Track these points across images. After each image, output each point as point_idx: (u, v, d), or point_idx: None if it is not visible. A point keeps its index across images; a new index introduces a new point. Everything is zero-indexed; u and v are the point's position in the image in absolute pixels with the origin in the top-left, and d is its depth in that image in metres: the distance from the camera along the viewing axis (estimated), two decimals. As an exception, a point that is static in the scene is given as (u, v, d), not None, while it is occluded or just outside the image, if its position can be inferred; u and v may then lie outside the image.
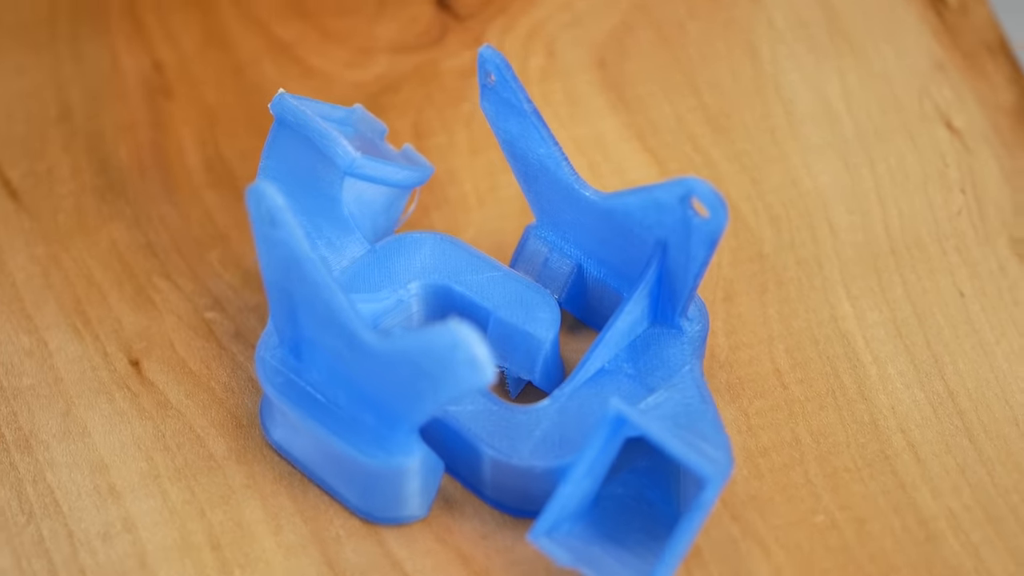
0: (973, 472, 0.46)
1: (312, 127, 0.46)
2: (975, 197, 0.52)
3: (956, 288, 0.50)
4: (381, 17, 0.57)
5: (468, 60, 0.56)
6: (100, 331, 0.49)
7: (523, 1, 0.57)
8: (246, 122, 0.54)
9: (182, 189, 0.52)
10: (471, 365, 0.39)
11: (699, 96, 0.55)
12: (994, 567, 0.44)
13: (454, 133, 0.54)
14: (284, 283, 0.43)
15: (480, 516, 0.45)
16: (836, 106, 0.54)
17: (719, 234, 0.43)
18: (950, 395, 0.47)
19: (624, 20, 0.57)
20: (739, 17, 0.57)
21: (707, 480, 0.40)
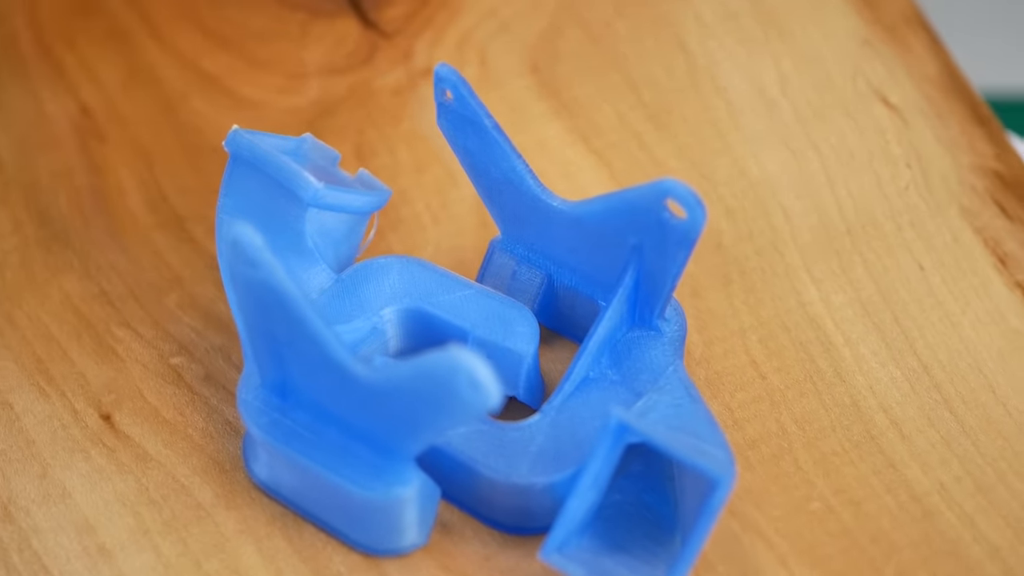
0: (958, 443, 0.46)
1: (271, 162, 0.45)
2: (920, 170, 0.53)
3: (915, 262, 0.50)
4: (306, 41, 0.56)
5: (401, 77, 0.55)
6: (65, 388, 0.47)
7: (448, 12, 0.57)
8: (185, 159, 0.53)
9: (129, 233, 0.51)
10: (475, 389, 0.39)
11: (637, 94, 0.55)
12: (991, 535, 0.44)
13: (397, 152, 0.53)
14: (265, 324, 0.42)
15: (480, 538, 0.45)
16: (772, 93, 0.55)
17: (698, 233, 0.43)
18: (924, 369, 0.48)
19: (552, 22, 0.57)
20: (666, 13, 0.57)
21: (717, 481, 0.40)
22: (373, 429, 0.42)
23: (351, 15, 0.57)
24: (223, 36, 0.56)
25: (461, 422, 0.40)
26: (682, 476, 0.43)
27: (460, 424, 0.41)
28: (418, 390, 0.40)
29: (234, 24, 0.57)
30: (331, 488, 0.43)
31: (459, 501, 0.45)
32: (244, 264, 0.41)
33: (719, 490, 0.40)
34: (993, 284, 0.50)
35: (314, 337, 0.41)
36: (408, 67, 0.55)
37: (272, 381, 0.44)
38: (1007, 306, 0.49)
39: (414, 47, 0.56)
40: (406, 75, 0.55)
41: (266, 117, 0.54)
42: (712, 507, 0.41)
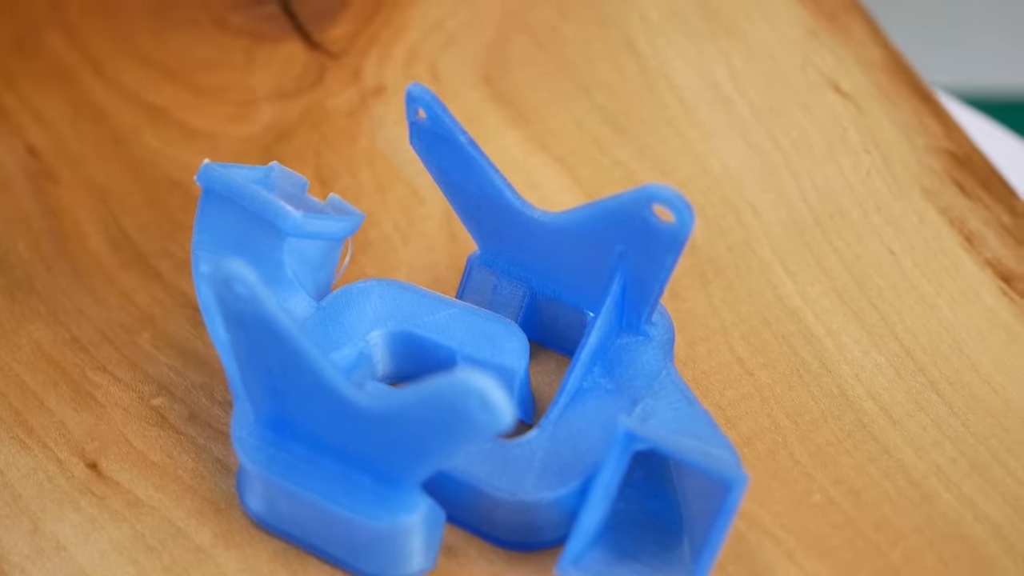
0: (948, 425, 0.47)
1: (247, 195, 0.44)
2: (880, 155, 0.53)
3: (885, 247, 0.51)
4: (252, 67, 0.55)
5: (353, 97, 0.55)
6: (47, 438, 0.46)
7: (392, 28, 0.56)
8: (142, 195, 0.52)
9: (94, 275, 0.50)
10: (488, 410, 0.38)
11: (591, 98, 0.55)
12: (992, 513, 0.45)
13: (358, 173, 0.53)
14: (259, 358, 0.42)
15: (486, 557, 0.44)
16: (726, 88, 0.55)
17: (686, 236, 0.43)
18: (907, 353, 0.48)
19: (498, 31, 0.56)
20: (611, 14, 0.57)
21: (731, 484, 0.40)
22: (376, 457, 0.42)
23: (295, 38, 0.56)
24: (167, 67, 0.55)
25: (473, 444, 0.40)
26: (684, 479, 0.43)
27: (471, 445, 0.41)
28: (427, 416, 0.39)
29: (177, 55, 0.56)
30: (335, 520, 0.43)
31: (462, 522, 0.45)
32: (237, 299, 0.40)
33: (733, 492, 0.40)
34: (964, 264, 0.50)
35: (312, 369, 0.41)
36: (359, 86, 0.55)
37: (266, 416, 0.43)
38: (980, 285, 0.50)
39: (363, 66, 0.55)
40: (358, 95, 0.55)
41: (221, 147, 0.53)
42: (727, 509, 0.41)
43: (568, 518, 0.44)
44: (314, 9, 0.57)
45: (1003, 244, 0.51)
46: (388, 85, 0.55)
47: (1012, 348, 0.48)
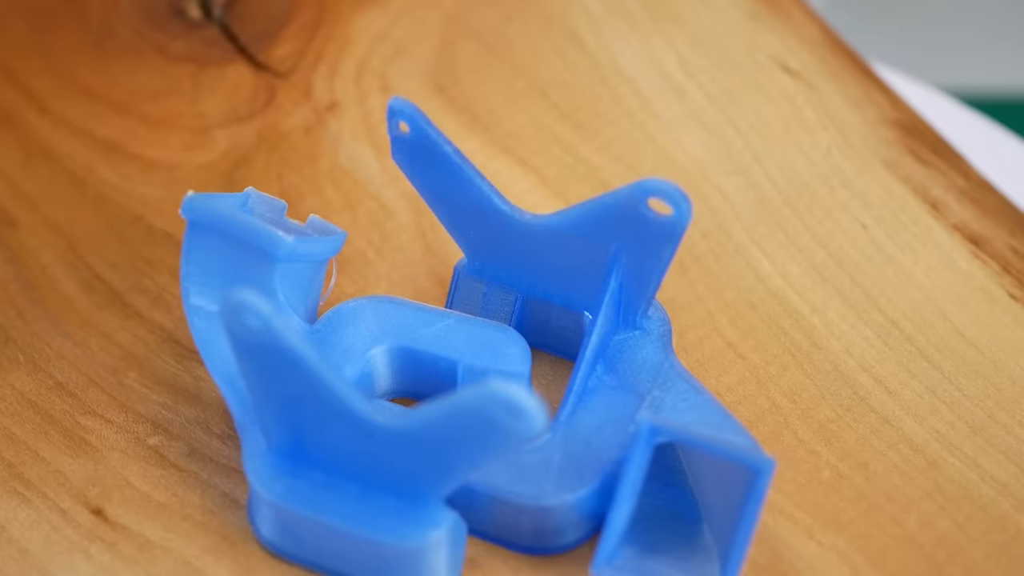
0: (943, 391, 0.47)
1: (237, 223, 0.44)
2: (837, 131, 0.54)
3: (857, 222, 0.51)
4: (201, 93, 0.55)
5: (308, 115, 0.54)
6: (45, 488, 0.45)
7: (337, 43, 0.56)
8: (106, 232, 0.51)
9: (69, 319, 0.49)
10: (519, 416, 0.38)
11: (546, 97, 0.55)
12: (997, 472, 0.46)
13: (323, 192, 0.52)
14: (274, 388, 0.41)
15: (510, 565, 0.44)
16: (677, 77, 0.55)
17: (685, 227, 0.43)
18: (893, 324, 0.49)
19: (444, 38, 0.56)
20: (554, 12, 0.57)
21: (759, 470, 0.41)
22: (399, 476, 0.41)
23: (240, 60, 0.55)
24: (113, 100, 0.54)
25: (506, 453, 0.40)
26: (701, 468, 0.43)
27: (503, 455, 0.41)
28: (455, 430, 0.39)
29: (121, 86, 0.55)
30: (359, 543, 0.42)
31: (482, 533, 0.44)
32: (249, 330, 0.39)
33: (761, 478, 0.41)
34: (934, 231, 0.51)
35: (331, 394, 0.40)
36: (312, 104, 0.54)
37: (280, 445, 0.43)
38: (952, 250, 0.51)
39: (312, 83, 0.55)
40: (312, 112, 0.54)
41: (180, 177, 0.52)
42: (756, 495, 0.41)
43: (588, 518, 0.44)
44: (255, 30, 0.56)
45: (964, 208, 0.52)
46: (340, 100, 0.54)
47: (992, 309, 0.49)
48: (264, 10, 0.57)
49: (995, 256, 0.50)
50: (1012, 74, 0.89)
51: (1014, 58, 0.90)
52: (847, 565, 0.44)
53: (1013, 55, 0.90)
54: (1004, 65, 0.90)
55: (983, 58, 0.90)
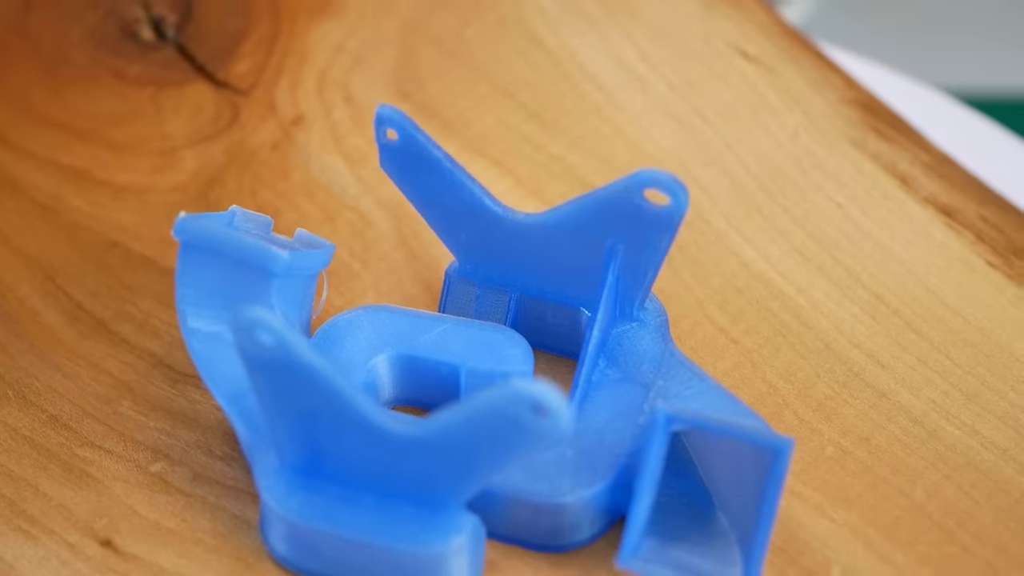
0: (934, 360, 0.48)
1: (232, 243, 0.43)
2: (802, 113, 0.54)
3: (831, 201, 0.52)
4: (163, 115, 0.54)
5: (274, 130, 0.54)
6: (51, 524, 0.45)
7: (295, 56, 0.55)
8: (83, 261, 0.50)
9: (56, 351, 0.48)
10: (545, 415, 0.38)
11: (512, 97, 0.55)
12: (996, 438, 0.46)
13: (300, 206, 0.52)
14: (288, 404, 0.41)
15: (530, 565, 0.44)
16: (639, 70, 0.55)
17: (682, 216, 0.43)
18: (878, 299, 0.49)
19: (402, 46, 0.56)
20: (510, 13, 0.57)
21: (779, 450, 0.41)
22: (419, 484, 0.41)
23: (199, 80, 0.55)
24: (75, 128, 0.54)
25: (532, 454, 0.40)
26: (712, 454, 0.44)
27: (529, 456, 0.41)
28: (479, 434, 0.39)
29: (82, 113, 0.54)
30: (380, 554, 0.42)
31: (498, 535, 0.44)
32: (262, 348, 0.39)
33: (781, 458, 0.41)
34: (907, 205, 0.52)
35: (349, 406, 0.40)
36: (277, 119, 0.54)
37: (294, 461, 0.42)
38: (926, 222, 0.51)
39: (275, 98, 0.55)
40: (278, 127, 0.54)
41: (152, 200, 0.52)
42: (777, 476, 0.41)
43: (604, 512, 0.44)
44: (211, 48, 0.56)
45: (932, 181, 0.53)
46: (306, 113, 0.54)
47: (972, 278, 0.50)
48: (218, 28, 0.56)
49: (968, 226, 0.51)
50: (1012, 74, 0.90)
51: (1013, 58, 0.91)
52: (860, 539, 0.44)
53: (1012, 55, 0.92)
54: (1003, 65, 0.91)
55: (982, 58, 0.91)
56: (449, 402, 0.46)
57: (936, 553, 0.44)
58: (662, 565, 0.42)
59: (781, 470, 0.41)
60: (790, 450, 0.41)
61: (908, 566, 0.44)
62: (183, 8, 0.56)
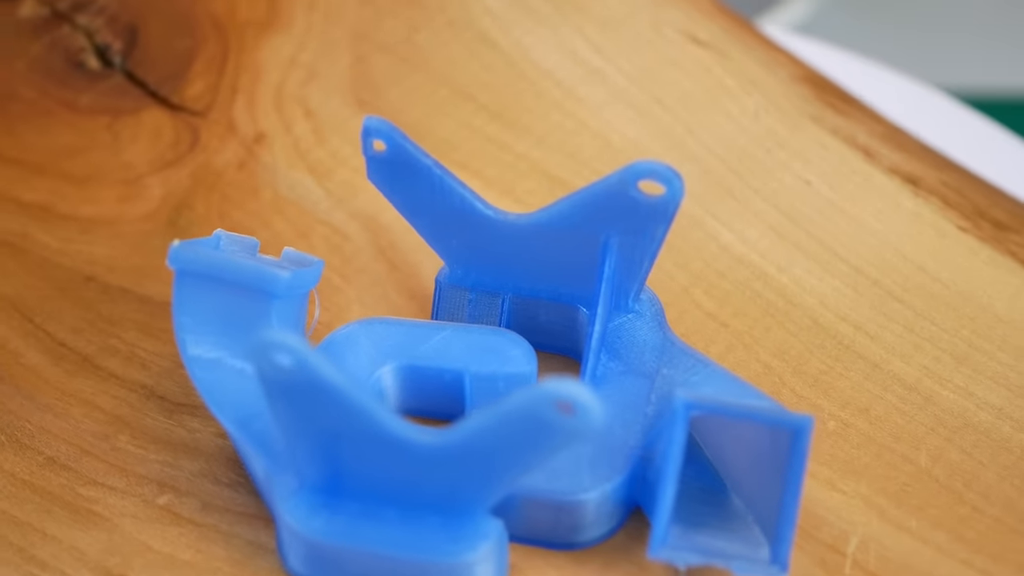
0: (920, 327, 0.49)
1: (230, 267, 0.43)
2: (760, 94, 0.55)
3: (800, 179, 0.52)
4: (121, 143, 0.53)
5: (238, 149, 0.53)
6: (64, 567, 0.44)
7: (248, 74, 0.55)
8: (60, 298, 0.49)
9: (44, 391, 0.47)
10: (577, 412, 0.38)
11: (472, 100, 0.55)
12: (990, 398, 0.47)
13: (272, 224, 0.51)
14: (309, 424, 0.40)
15: (552, 564, 0.44)
16: (595, 63, 0.56)
17: (678, 204, 0.43)
18: (857, 271, 0.50)
19: (355, 55, 0.56)
20: (457, 16, 0.57)
21: (800, 429, 0.41)
22: (444, 493, 0.41)
23: (153, 105, 0.54)
24: (33, 164, 0.53)
25: (562, 452, 0.40)
26: (723, 438, 0.44)
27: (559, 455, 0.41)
28: (505, 439, 0.39)
29: (38, 149, 0.53)
30: (407, 566, 0.42)
31: (519, 537, 0.44)
32: (282, 370, 0.39)
33: (803, 436, 0.41)
34: (873, 177, 0.53)
35: (373, 421, 0.40)
36: (238, 138, 0.53)
37: (314, 480, 0.42)
38: (894, 192, 0.52)
39: (233, 117, 0.54)
40: (241, 146, 0.53)
41: (123, 231, 0.51)
42: (800, 454, 0.41)
43: (622, 505, 0.44)
44: (160, 72, 0.55)
45: (892, 151, 0.53)
46: (267, 131, 0.53)
47: (946, 243, 0.51)
48: (164, 51, 0.55)
49: (933, 192, 0.52)
50: (1012, 74, 0.91)
51: (1013, 58, 0.92)
52: (874, 509, 0.45)
53: (1012, 55, 0.92)
54: (1003, 65, 0.91)
55: (982, 58, 0.91)
56: (455, 408, 0.46)
57: (947, 515, 0.45)
58: (691, 551, 0.42)
59: (803, 448, 0.41)
60: (811, 428, 0.41)
61: (922, 530, 0.44)
62: (127, 34, 0.56)
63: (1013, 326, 0.49)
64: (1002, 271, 0.50)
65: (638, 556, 0.44)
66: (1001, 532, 0.44)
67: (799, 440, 0.41)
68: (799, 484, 0.41)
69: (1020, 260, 0.50)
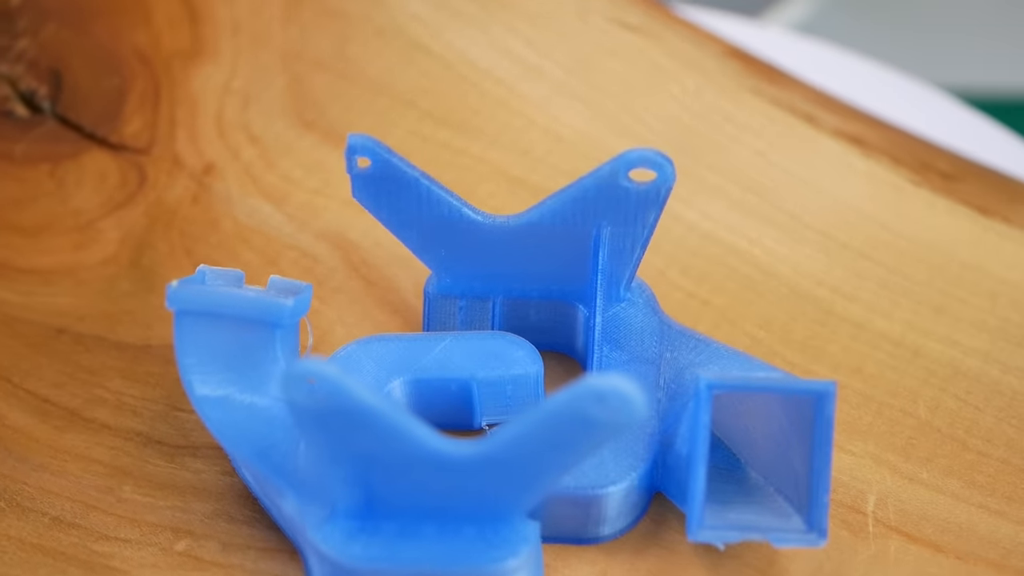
0: (894, 283, 0.50)
1: (234, 301, 0.42)
2: (697, 72, 0.55)
3: (752, 151, 0.53)
4: (67, 190, 0.52)
5: (188, 183, 0.52)
6: (92, 627, 0.43)
7: (184, 106, 0.54)
8: (33, 354, 0.48)
9: (37, 451, 0.46)
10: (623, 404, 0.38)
11: (416, 107, 0.54)
12: (974, 343, 0.48)
13: (239, 255, 0.50)
14: (345, 449, 0.40)
15: (584, 559, 0.44)
16: (531, 58, 0.56)
17: (670, 187, 0.43)
18: (825, 235, 0.51)
19: (290, 75, 0.55)
20: (385, 25, 0.56)
21: (824, 395, 0.42)
22: (479, 503, 0.41)
23: (94, 147, 0.53)
24: (-26, 219, 0.51)
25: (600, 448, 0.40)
26: (732, 414, 0.44)
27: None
28: (547, 441, 0.39)
29: (-21, 203, 0.52)
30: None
31: (548, 537, 0.44)
32: (317, 398, 0.38)
33: (828, 401, 0.42)
34: (821, 141, 0.53)
35: (411, 439, 0.39)
36: (187, 171, 0.52)
37: (348, 507, 0.41)
38: (845, 155, 0.53)
39: (178, 151, 0.53)
40: (191, 179, 0.52)
41: (87, 278, 0.50)
42: (826, 420, 0.42)
43: (646, 493, 0.44)
44: (94, 113, 0.54)
45: (831, 115, 0.54)
46: (214, 161, 0.53)
47: (903, 199, 0.52)
48: (93, 91, 0.54)
49: (880, 151, 0.53)
50: (1012, 74, 0.91)
51: (1013, 58, 0.92)
52: (885, 466, 0.46)
53: (1012, 55, 0.92)
54: (1003, 65, 0.92)
55: (982, 58, 0.92)
56: (464, 417, 0.46)
57: (956, 463, 0.46)
58: (728, 529, 0.42)
59: (829, 414, 0.42)
60: (834, 393, 0.42)
61: (935, 480, 0.45)
62: (51, 78, 0.54)
63: (981, 271, 0.50)
64: (960, 219, 0.51)
65: (666, 540, 0.44)
66: (1010, 472, 0.45)
67: (824, 406, 0.42)
68: (828, 450, 0.42)
69: (975, 207, 0.52)
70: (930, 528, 0.44)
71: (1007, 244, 0.50)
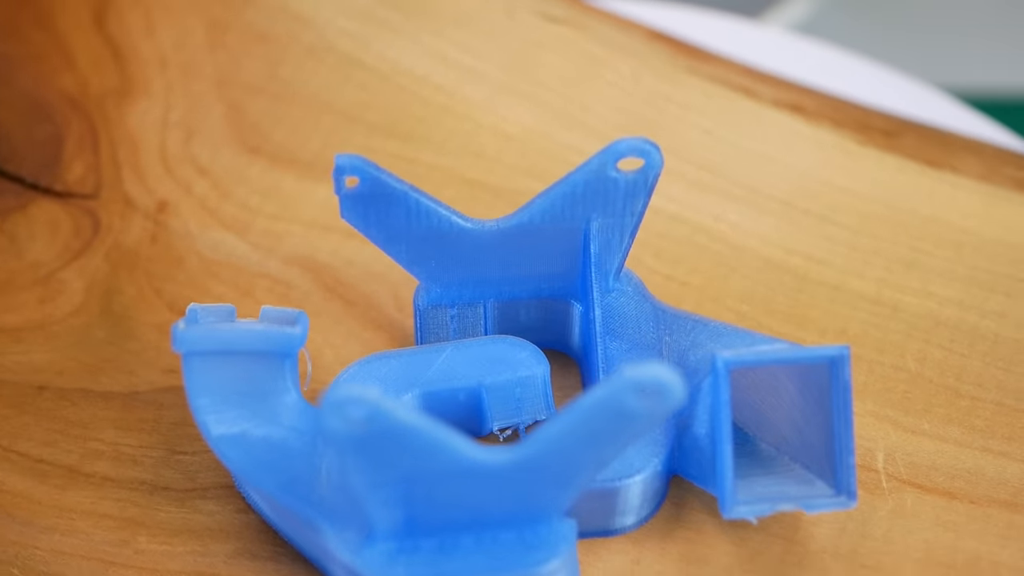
0: (861, 243, 0.51)
1: (242, 336, 0.42)
2: (632, 58, 0.56)
3: (699, 129, 0.54)
4: (19, 244, 0.51)
5: (144, 223, 0.51)
6: None
7: (125, 147, 0.53)
8: (18, 415, 0.47)
9: (41, 513, 0.45)
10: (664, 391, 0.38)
11: (360, 122, 0.54)
12: (948, 293, 0.50)
13: (210, 289, 0.50)
14: (386, 472, 0.40)
15: (614, 549, 0.44)
16: (465, 60, 0.56)
17: (658, 173, 0.44)
18: (787, 204, 0.52)
19: (226, 103, 0.54)
20: (314, 42, 0.56)
21: (839, 360, 0.42)
22: (518, 507, 0.41)
23: (40, 197, 0.52)
24: (-68, 285, 0.50)
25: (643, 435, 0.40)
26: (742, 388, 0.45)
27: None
28: (586, 437, 0.39)
29: (-68, 268, 0.50)
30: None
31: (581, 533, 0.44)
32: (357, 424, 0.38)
33: (844, 365, 0.42)
34: (763, 113, 0.54)
35: (455, 454, 0.39)
36: (140, 211, 0.51)
37: (387, 528, 0.41)
38: (788, 124, 0.54)
39: (127, 191, 0.52)
40: (146, 219, 0.51)
41: (58, 331, 0.49)
42: (842, 384, 0.42)
43: (666, 477, 0.45)
44: (32, 163, 0.52)
45: (765, 87, 0.55)
46: (167, 197, 0.52)
47: (853, 160, 0.53)
48: (27, 141, 0.53)
49: (820, 116, 0.54)
50: (1012, 74, 0.91)
51: (1013, 58, 0.92)
52: (887, 422, 0.46)
53: (1012, 55, 0.92)
54: (1003, 65, 0.92)
55: (982, 58, 0.92)
56: (475, 425, 0.45)
57: (953, 411, 0.47)
58: (760, 502, 0.43)
59: (845, 378, 0.43)
60: (848, 357, 0.43)
61: (936, 430, 0.46)
62: (-19, 131, 0.53)
63: (941, 223, 0.51)
64: (911, 175, 0.52)
65: (691, 522, 0.44)
66: (1005, 413, 0.46)
67: (840, 371, 0.43)
68: (849, 413, 0.43)
69: (922, 161, 0.53)
70: (940, 477, 0.45)
71: (960, 194, 0.52)
